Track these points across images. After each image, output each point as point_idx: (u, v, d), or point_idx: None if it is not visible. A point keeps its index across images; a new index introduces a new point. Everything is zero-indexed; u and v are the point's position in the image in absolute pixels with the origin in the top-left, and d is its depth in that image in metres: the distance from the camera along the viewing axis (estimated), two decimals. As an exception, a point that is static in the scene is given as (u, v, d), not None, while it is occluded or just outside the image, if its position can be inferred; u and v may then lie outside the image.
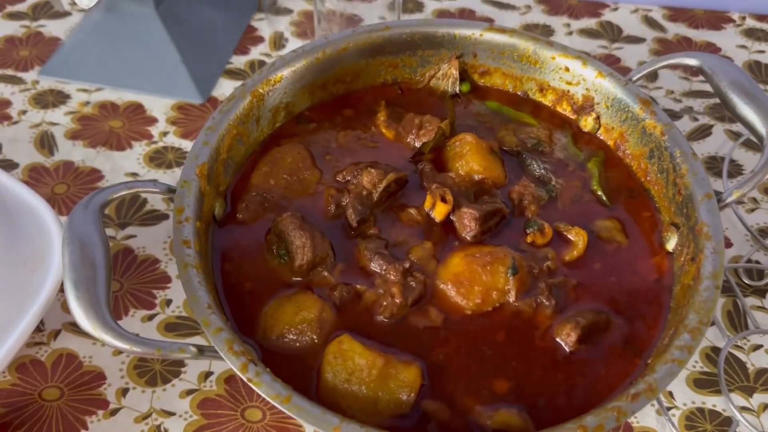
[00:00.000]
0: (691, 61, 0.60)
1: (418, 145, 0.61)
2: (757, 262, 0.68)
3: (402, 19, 0.82)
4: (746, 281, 0.67)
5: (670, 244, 0.56)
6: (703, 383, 0.60)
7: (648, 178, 0.59)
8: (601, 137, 0.63)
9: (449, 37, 0.65)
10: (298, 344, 0.50)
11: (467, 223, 0.55)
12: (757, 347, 0.63)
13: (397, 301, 0.51)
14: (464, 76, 0.67)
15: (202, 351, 0.45)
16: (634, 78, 0.61)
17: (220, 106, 0.58)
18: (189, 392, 0.59)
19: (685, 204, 0.55)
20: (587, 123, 0.64)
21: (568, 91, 0.64)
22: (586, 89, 0.63)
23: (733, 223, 0.71)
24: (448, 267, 0.53)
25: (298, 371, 0.48)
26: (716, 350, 0.62)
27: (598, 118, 0.63)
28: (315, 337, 0.50)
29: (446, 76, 0.65)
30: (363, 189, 0.57)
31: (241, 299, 0.52)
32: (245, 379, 0.43)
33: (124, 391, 0.59)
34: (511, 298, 0.52)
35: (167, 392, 0.59)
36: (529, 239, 0.55)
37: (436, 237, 0.56)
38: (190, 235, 0.50)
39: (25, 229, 0.60)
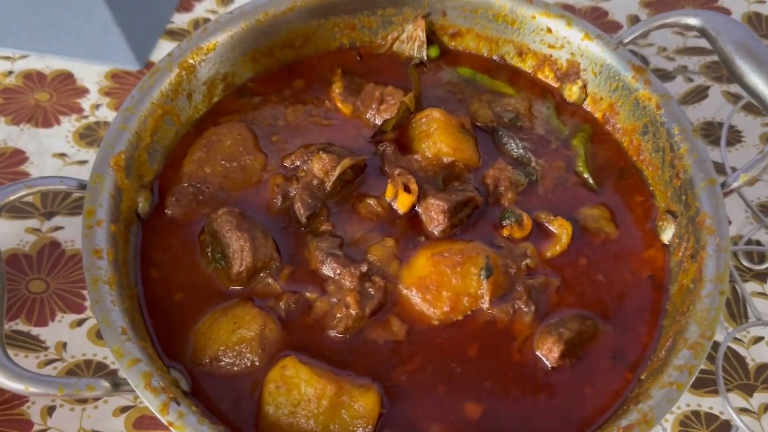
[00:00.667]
0: (692, 21, 0.52)
1: (378, 122, 0.53)
2: (758, 242, 0.62)
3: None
4: (746, 264, 0.60)
5: (666, 235, 0.49)
6: (698, 383, 0.54)
7: (641, 156, 0.52)
8: (588, 109, 0.56)
9: (413, -9, 0.56)
10: (235, 368, 0.43)
11: (434, 216, 0.48)
12: (758, 339, 0.57)
13: (353, 312, 0.44)
14: (432, 38, 0.58)
15: (117, 386, 0.38)
16: (626, 40, 0.53)
17: (141, 82, 0.49)
18: (123, 409, 0.52)
19: (684, 190, 0.48)
20: (572, 92, 0.56)
21: (551, 56, 0.56)
22: (571, 53, 0.55)
23: (732, 197, 0.64)
24: (412, 269, 0.46)
25: (236, 401, 0.41)
26: (714, 345, 0.56)
27: (584, 86, 0.55)
28: (256, 359, 0.43)
29: (411, 39, 0.57)
30: (314, 177, 0.49)
31: (168, 313, 0.45)
32: (165, 422, 0.36)
33: (50, 410, 0.52)
34: (485, 305, 0.45)
35: (99, 410, 0.53)
36: (505, 232, 0.48)
37: (399, 232, 0.48)
38: (102, 243, 0.42)
39: None
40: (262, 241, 0.46)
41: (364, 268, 0.46)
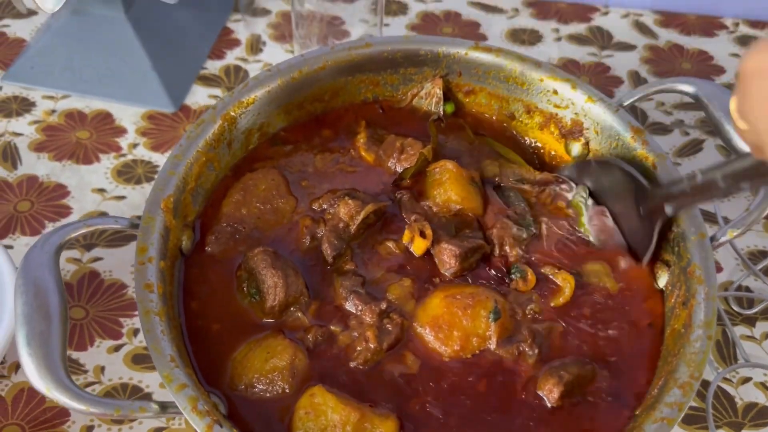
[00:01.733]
0: (687, 88, 0.57)
1: (399, 170, 0.58)
2: (747, 288, 0.66)
3: (383, 36, 0.78)
4: (736, 309, 0.65)
5: (661, 281, 0.54)
6: (689, 419, 0.58)
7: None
8: (591, 163, 0.61)
9: (432, 56, 0.61)
10: (268, 394, 0.47)
11: (447, 259, 0.52)
12: (746, 380, 0.61)
13: (372, 345, 0.49)
14: (449, 94, 0.63)
15: (164, 408, 0.43)
16: (626, 103, 0.59)
17: (188, 132, 0.54)
18: (157, 430, 0.57)
19: (677, 242, 0.52)
20: (576, 148, 0.61)
21: (557, 114, 0.61)
22: (575, 113, 0.60)
23: (723, 246, 0.68)
24: (426, 309, 0.51)
25: (268, 425, 0.46)
26: (705, 384, 0.60)
27: (587, 143, 0.60)
28: (286, 386, 0.47)
29: (429, 95, 0.62)
30: (339, 221, 0.54)
31: (207, 342, 0.49)
32: (210, 443, 0.41)
33: (89, 429, 0.56)
34: (492, 345, 0.49)
35: (134, 430, 0.57)
36: (512, 286, 0.53)
37: (415, 273, 0.53)
38: (153, 278, 0.47)
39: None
40: (294, 278, 0.51)
41: (383, 306, 0.50)
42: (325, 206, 0.56)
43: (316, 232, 0.55)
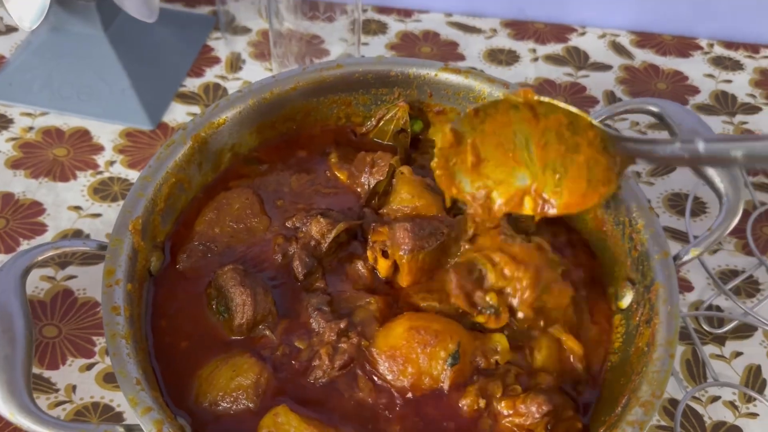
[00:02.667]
0: (652, 108, 0.58)
1: (372, 183, 0.59)
2: (718, 307, 0.67)
3: (355, 58, 0.79)
4: (706, 328, 0.65)
5: (625, 301, 0.54)
6: (658, 437, 0.59)
7: (604, 228, 0.58)
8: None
9: (403, 77, 0.62)
10: (231, 412, 0.47)
11: (400, 237, 0.52)
12: (715, 399, 0.61)
13: (325, 363, 0.49)
14: (420, 115, 0.64)
15: (130, 431, 0.43)
16: (594, 122, 0.59)
17: (158, 153, 0.55)
18: (127, 450, 0.56)
19: (641, 261, 0.53)
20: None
21: (526, 135, 0.62)
22: (545, 134, 0.61)
23: (695, 265, 0.69)
24: (388, 336, 0.50)
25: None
26: (674, 402, 0.61)
27: (556, 163, 0.61)
28: (251, 404, 0.47)
29: (396, 118, 0.63)
30: (311, 239, 0.55)
31: (175, 359, 0.50)
32: (172, 466, 0.41)
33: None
34: (444, 387, 0.49)
35: (104, 450, 0.56)
36: (480, 319, 0.52)
37: (385, 293, 0.53)
38: (120, 300, 0.47)
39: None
40: (262, 296, 0.51)
41: (342, 325, 0.50)
42: (297, 225, 0.57)
43: (288, 250, 0.55)
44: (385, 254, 0.53)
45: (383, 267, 0.53)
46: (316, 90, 0.61)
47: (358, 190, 0.60)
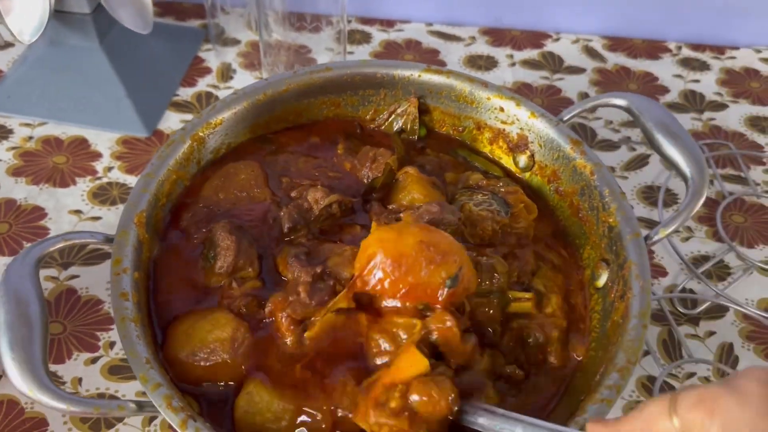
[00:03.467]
0: (619, 102, 0.62)
1: (371, 176, 0.62)
2: (692, 290, 0.71)
3: (343, 61, 0.83)
4: (681, 310, 0.69)
5: (601, 280, 0.58)
6: (638, 412, 0.62)
7: (580, 214, 0.61)
8: (536, 174, 0.65)
9: (389, 78, 0.66)
10: (209, 363, 0.50)
11: (425, 210, 0.55)
12: (691, 375, 0.65)
13: (303, 298, 0.51)
14: (426, 110, 0.68)
15: (141, 407, 0.45)
16: (565, 118, 0.63)
17: (159, 152, 0.58)
18: (133, 437, 0.59)
19: (614, 242, 0.57)
20: (522, 160, 0.66)
21: (504, 130, 0.66)
22: (521, 128, 0.65)
23: (668, 252, 0.73)
24: (398, 242, 0.49)
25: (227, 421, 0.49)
26: (652, 379, 0.64)
27: (532, 156, 0.65)
28: (227, 357, 0.50)
29: (405, 114, 0.66)
30: (305, 202, 0.58)
31: (169, 314, 0.53)
32: (184, 437, 0.44)
33: (67, 441, 0.59)
34: (438, 306, 0.49)
35: (112, 438, 0.59)
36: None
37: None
38: (127, 287, 0.50)
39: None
40: (247, 247, 0.55)
41: (319, 270, 0.53)
42: (295, 196, 0.60)
43: (281, 214, 0.58)
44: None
45: None
46: (306, 91, 0.65)
47: (365, 181, 0.63)
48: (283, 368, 0.49)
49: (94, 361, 0.63)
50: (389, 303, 0.49)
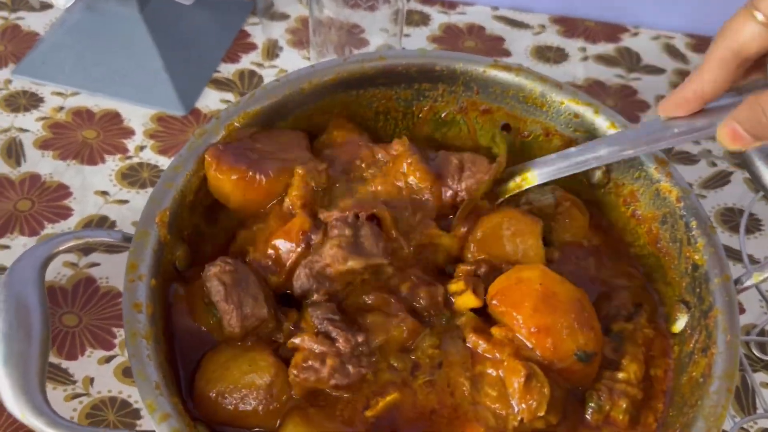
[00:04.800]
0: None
1: (463, 193, 0.52)
2: (772, 333, 0.63)
3: (398, 50, 0.76)
4: (757, 354, 0.61)
5: (679, 325, 0.51)
6: (703, 470, 0.55)
7: (658, 245, 0.54)
8: (610, 192, 0.58)
9: (449, 72, 0.59)
10: (240, 408, 0.44)
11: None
12: (765, 431, 0.57)
13: (322, 374, 0.44)
14: (464, 116, 0.61)
15: (144, 437, 0.40)
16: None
17: (189, 142, 0.52)
18: (142, 451, 0.54)
19: (699, 283, 0.49)
20: (595, 175, 0.58)
21: (576, 140, 0.58)
22: (597, 140, 0.57)
23: (747, 286, 0.65)
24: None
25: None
26: (721, 432, 0.57)
27: (607, 171, 0.57)
28: (260, 407, 0.44)
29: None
30: (321, 259, 0.48)
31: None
32: (189, 479, 0.38)
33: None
34: None
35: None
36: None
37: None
38: (142, 297, 0.44)
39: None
40: (251, 308, 0.46)
41: (361, 338, 0.45)
42: (333, 219, 0.49)
43: (311, 239, 0.48)
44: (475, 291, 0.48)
45: (467, 302, 0.48)
46: (356, 82, 0.58)
47: (447, 194, 0.53)
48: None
49: (108, 360, 0.59)
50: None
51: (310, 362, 0.44)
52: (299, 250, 0.49)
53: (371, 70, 0.58)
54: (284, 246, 0.49)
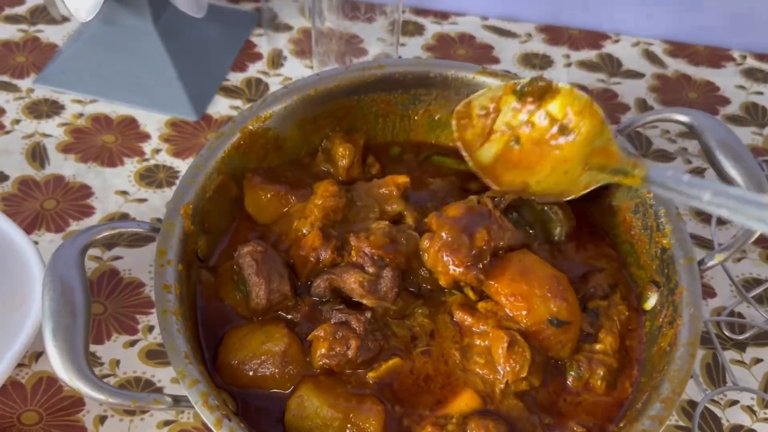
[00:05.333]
0: (682, 118, 0.59)
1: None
2: (740, 314, 0.68)
3: (395, 59, 0.81)
4: (727, 334, 0.67)
5: (650, 303, 0.56)
6: (676, 437, 0.61)
7: (632, 232, 0.59)
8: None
9: (442, 78, 0.64)
10: (258, 374, 0.50)
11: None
12: (734, 403, 0.63)
13: (352, 356, 0.50)
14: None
15: (177, 401, 0.46)
16: (624, 130, 0.61)
17: (208, 143, 0.58)
18: (166, 423, 0.60)
19: (667, 264, 0.55)
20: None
21: (558, 139, 0.64)
22: (576, 138, 0.63)
23: (717, 272, 0.71)
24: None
25: (270, 422, 0.49)
26: (693, 404, 0.62)
27: (587, 167, 0.63)
28: (276, 371, 0.50)
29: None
30: (342, 287, 0.53)
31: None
32: (218, 436, 0.44)
33: (102, 419, 0.60)
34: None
35: (145, 422, 0.60)
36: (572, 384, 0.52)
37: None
38: (171, 279, 0.50)
39: (7, 268, 0.60)
40: (278, 283, 0.52)
41: (369, 315, 0.51)
42: (361, 251, 0.54)
43: (321, 255, 0.54)
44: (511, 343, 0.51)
45: (498, 348, 0.51)
46: (357, 88, 0.64)
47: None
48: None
49: (132, 344, 0.64)
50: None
51: (336, 349, 0.50)
52: (312, 260, 0.55)
53: (371, 78, 0.64)
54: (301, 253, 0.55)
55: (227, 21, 0.91)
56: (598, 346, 0.52)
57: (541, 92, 0.58)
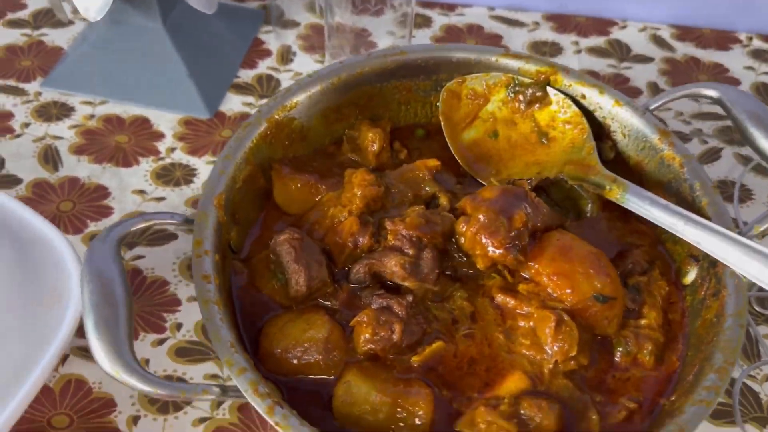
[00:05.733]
0: (710, 92, 0.59)
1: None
2: (769, 289, 0.68)
3: (417, 44, 0.81)
4: (758, 309, 0.67)
5: (689, 277, 0.56)
6: (718, 414, 0.60)
7: (667, 208, 0.59)
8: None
9: (465, 62, 0.64)
10: (303, 361, 0.49)
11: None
12: (769, 376, 0.63)
13: (395, 338, 0.49)
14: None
15: (225, 391, 0.44)
16: (652, 107, 0.61)
17: (236, 134, 0.57)
18: (201, 420, 0.58)
19: (705, 238, 0.54)
20: (604, 150, 0.63)
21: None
22: (603, 117, 0.63)
23: (743, 249, 0.71)
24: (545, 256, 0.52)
25: (318, 409, 0.48)
26: (731, 380, 0.62)
27: (614, 145, 0.63)
28: (320, 357, 0.49)
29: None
30: (383, 272, 0.53)
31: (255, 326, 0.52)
32: (272, 423, 0.43)
33: (135, 419, 0.58)
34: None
35: (179, 420, 0.58)
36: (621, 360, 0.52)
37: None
38: (209, 270, 0.49)
39: (42, 265, 0.58)
40: (317, 270, 0.51)
41: (410, 298, 0.51)
42: (398, 234, 0.53)
43: (359, 241, 0.53)
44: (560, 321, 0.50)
45: (545, 330, 0.50)
46: (380, 75, 0.63)
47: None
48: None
49: (161, 342, 0.63)
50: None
51: (381, 333, 0.49)
52: (349, 246, 0.54)
53: (393, 64, 0.64)
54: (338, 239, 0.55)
55: (234, 19, 0.90)
56: (643, 321, 0.52)
57: (534, 99, 0.58)
